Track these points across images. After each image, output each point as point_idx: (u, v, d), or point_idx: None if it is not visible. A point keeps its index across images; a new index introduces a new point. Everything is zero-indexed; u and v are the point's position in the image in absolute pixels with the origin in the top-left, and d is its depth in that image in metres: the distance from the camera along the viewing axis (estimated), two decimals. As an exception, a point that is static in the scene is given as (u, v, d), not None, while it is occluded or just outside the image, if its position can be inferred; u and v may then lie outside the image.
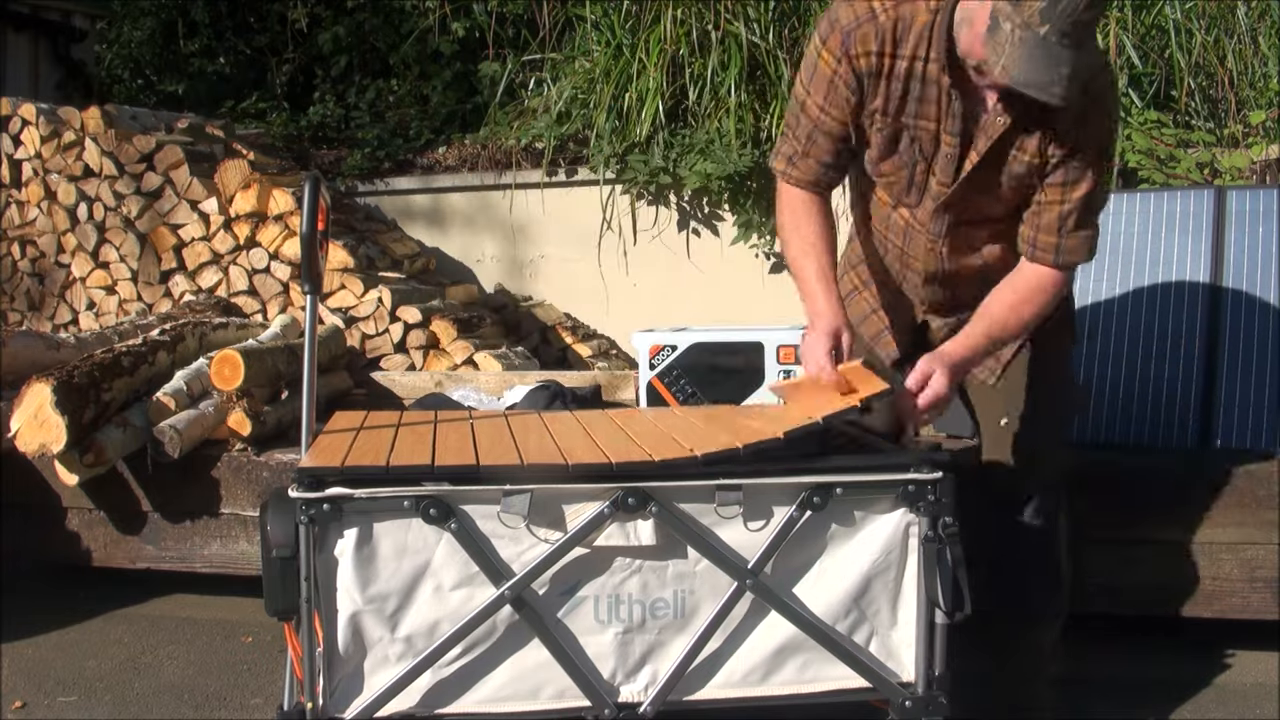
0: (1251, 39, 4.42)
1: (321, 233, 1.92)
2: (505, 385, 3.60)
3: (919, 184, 1.91)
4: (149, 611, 3.23)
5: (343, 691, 1.63)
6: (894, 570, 1.72)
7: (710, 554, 1.66)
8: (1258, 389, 2.81)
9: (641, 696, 1.69)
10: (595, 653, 1.68)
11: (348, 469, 1.62)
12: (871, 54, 1.79)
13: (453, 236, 5.08)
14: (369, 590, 1.61)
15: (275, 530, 1.58)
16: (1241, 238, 2.98)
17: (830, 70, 1.83)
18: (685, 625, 1.69)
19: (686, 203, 4.69)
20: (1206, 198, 3.05)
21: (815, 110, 1.88)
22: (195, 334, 3.53)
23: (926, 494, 1.69)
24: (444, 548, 1.62)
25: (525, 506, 1.60)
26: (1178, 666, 2.73)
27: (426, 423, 2.06)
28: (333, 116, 6.17)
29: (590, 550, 1.65)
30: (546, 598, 1.66)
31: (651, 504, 1.63)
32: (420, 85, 6.46)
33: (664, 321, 3.75)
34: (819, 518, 1.68)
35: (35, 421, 2.82)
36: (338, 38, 6.70)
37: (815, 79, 1.86)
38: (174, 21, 7.45)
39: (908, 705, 1.73)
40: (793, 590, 1.70)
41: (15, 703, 2.59)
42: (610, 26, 4.88)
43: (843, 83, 1.82)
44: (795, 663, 1.71)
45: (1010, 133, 1.79)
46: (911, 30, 1.77)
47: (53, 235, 4.51)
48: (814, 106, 1.88)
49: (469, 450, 1.77)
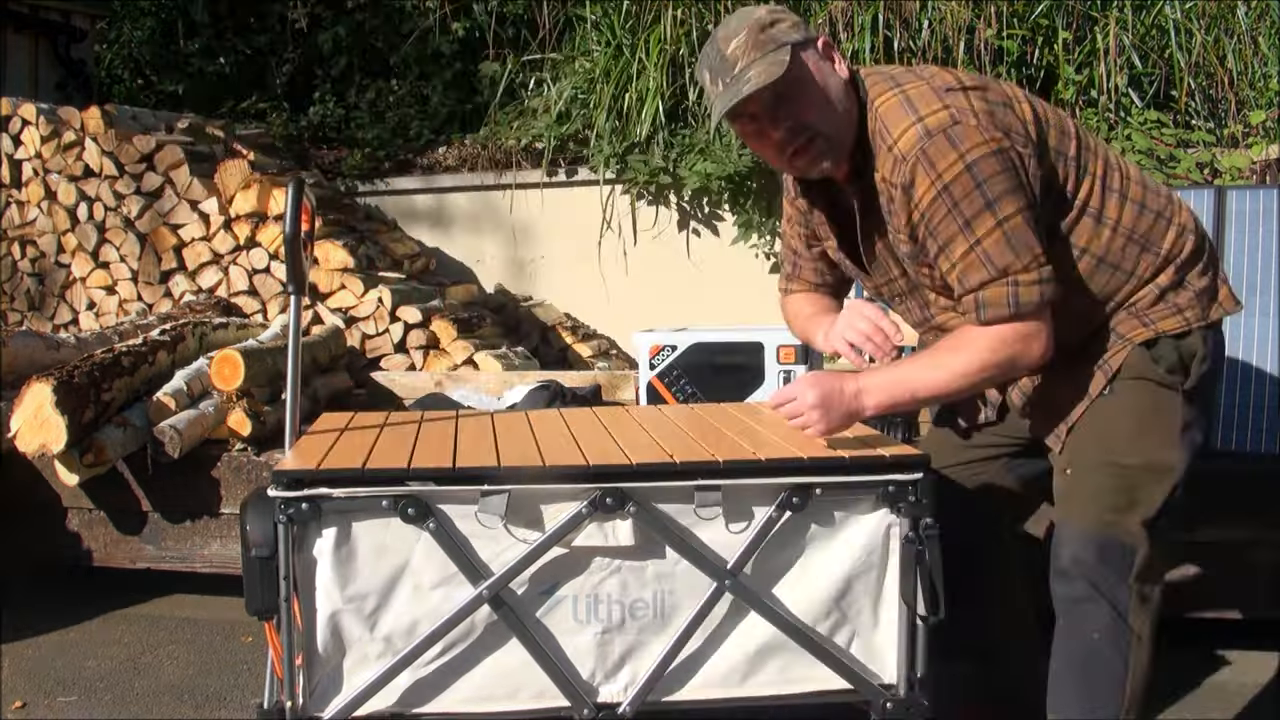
0: (1251, 39, 4.40)
1: (306, 234, 1.93)
2: (505, 385, 3.60)
3: (859, 284, 2.04)
4: (149, 611, 3.24)
5: (322, 690, 1.64)
6: (875, 571, 1.71)
7: (689, 554, 1.66)
8: (1258, 390, 2.80)
9: (621, 697, 1.69)
10: (574, 653, 1.67)
11: (323, 470, 1.62)
12: (794, 194, 2.01)
13: (453, 236, 5.09)
14: (348, 589, 1.62)
15: (254, 530, 1.59)
16: (1241, 238, 2.96)
17: (787, 206, 2.08)
18: (665, 626, 1.68)
19: (686, 203, 4.69)
20: (1206, 198, 3.03)
21: (787, 233, 2.11)
22: (195, 334, 3.54)
23: (907, 495, 1.68)
24: (422, 547, 1.62)
25: (503, 507, 1.60)
26: (1178, 666, 2.72)
27: (411, 423, 2.06)
28: (333, 116, 6.19)
29: (569, 550, 1.65)
30: (525, 597, 1.66)
31: (630, 504, 1.63)
32: (420, 85, 6.48)
33: (664, 321, 3.76)
34: (799, 518, 1.68)
35: (35, 421, 2.84)
36: (338, 38, 6.71)
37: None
38: (174, 21, 7.46)
39: (889, 707, 1.72)
40: (773, 591, 1.70)
41: (15, 703, 2.60)
42: (610, 26, 4.89)
43: (794, 213, 2.05)
44: (776, 664, 1.71)
45: (873, 218, 1.82)
46: None
47: (53, 235, 4.54)
48: (785, 231, 2.11)
49: (449, 451, 1.77)
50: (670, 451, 1.76)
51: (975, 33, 4.25)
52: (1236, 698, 2.58)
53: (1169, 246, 1.81)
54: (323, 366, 3.70)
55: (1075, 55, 4.32)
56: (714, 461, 1.69)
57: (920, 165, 1.68)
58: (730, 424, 2.00)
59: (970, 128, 1.66)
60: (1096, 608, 1.77)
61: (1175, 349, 1.79)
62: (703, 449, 1.78)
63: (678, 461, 1.69)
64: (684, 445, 1.83)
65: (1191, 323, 1.80)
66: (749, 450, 1.76)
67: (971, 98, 1.70)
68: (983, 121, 1.67)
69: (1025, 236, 1.68)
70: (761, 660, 1.71)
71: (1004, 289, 1.68)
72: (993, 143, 1.66)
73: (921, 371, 1.78)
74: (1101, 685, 1.79)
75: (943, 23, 4.27)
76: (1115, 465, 1.78)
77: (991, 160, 1.66)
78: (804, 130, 1.74)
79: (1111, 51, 4.19)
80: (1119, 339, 1.81)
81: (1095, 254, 1.79)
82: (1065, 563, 1.80)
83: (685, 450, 1.77)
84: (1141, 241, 1.80)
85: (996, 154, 1.66)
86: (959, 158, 1.65)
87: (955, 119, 1.67)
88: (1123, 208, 1.80)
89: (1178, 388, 1.79)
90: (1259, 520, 2.63)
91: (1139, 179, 1.85)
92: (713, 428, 2.00)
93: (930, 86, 1.72)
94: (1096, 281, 1.80)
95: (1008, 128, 1.69)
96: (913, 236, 1.76)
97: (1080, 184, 1.79)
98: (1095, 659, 1.79)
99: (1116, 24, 4.25)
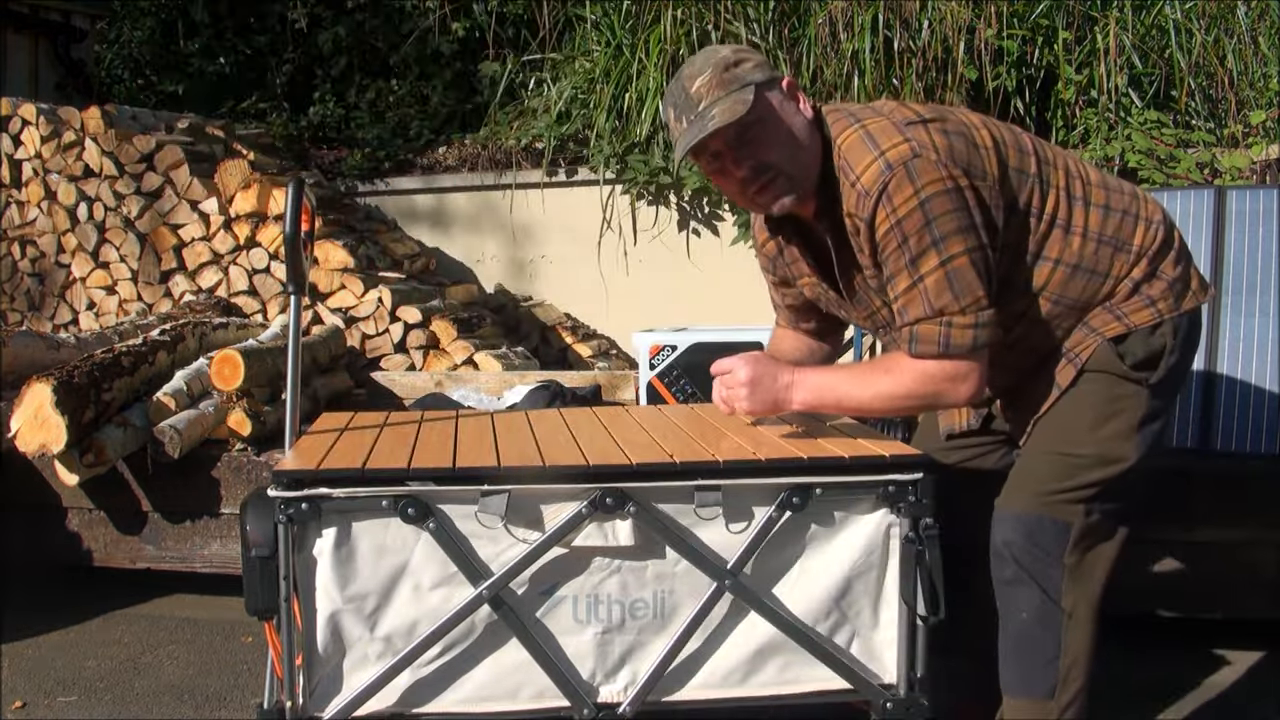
0: (1251, 39, 4.40)
1: (306, 234, 1.93)
2: (505, 385, 3.60)
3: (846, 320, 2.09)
4: (149, 611, 3.24)
5: (322, 690, 1.64)
6: (875, 571, 1.72)
7: (689, 554, 1.66)
8: (1257, 390, 2.80)
9: (621, 697, 1.69)
10: (574, 653, 1.67)
11: (323, 470, 1.62)
12: (762, 240, 2.07)
13: (453, 236, 5.09)
14: (348, 590, 1.62)
15: (254, 530, 1.59)
16: (1241, 238, 2.96)
17: (757, 254, 2.13)
18: (665, 626, 1.69)
19: (686, 203, 4.69)
20: (1206, 198, 3.04)
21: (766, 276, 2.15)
22: (195, 334, 3.54)
23: (907, 495, 1.68)
24: (422, 547, 1.62)
25: (503, 507, 1.60)
26: (1178, 666, 2.72)
27: (411, 423, 2.06)
28: (333, 116, 6.20)
29: (569, 550, 1.65)
30: (525, 598, 1.66)
31: (629, 504, 1.63)
32: (420, 85, 6.48)
33: (664, 321, 3.76)
34: (799, 518, 1.68)
35: (35, 421, 2.84)
36: (338, 38, 6.71)
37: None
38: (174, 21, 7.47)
39: (889, 707, 1.72)
40: (773, 591, 1.70)
41: (15, 703, 2.60)
42: (610, 26, 4.89)
43: (764, 260, 2.10)
44: (776, 664, 1.71)
45: (847, 252, 1.85)
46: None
47: (53, 235, 4.54)
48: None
49: (448, 451, 1.77)
50: (670, 451, 1.76)
51: (975, 33, 4.25)
52: (1236, 698, 2.58)
53: (1140, 241, 1.85)
54: (323, 366, 3.70)
55: (1075, 55, 4.31)
56: (714, 461, 1.69)
57: (881, 199, 1.70)
58: (730, 424, 2.00)
59: (929, 163, 1.69)
60: (1026, 589, 1.82)
61: (1145, 344, 1.82)
62: (703, 449, 1.78)
63: (678, 461, 1.69)
64: (684, 445, 1.83)
65: (1164, 313, 1.83)
66: (749, 450, 1.76)
67: (932, 131, 1.73)
68: (942, 157, 1.70)
69: (967, 279, 1.71)
70: (761, 660, 1.71)
71: (936, 328, 1.72)
72: (948, 180, 1.69)
73: (850, 385, 1.84)
74: (1035, 664, 1.84)
75: (943, 23, 4.26)
76: (1065, 455, 1.82)
77: (944, 199, 1.68)
78: (766, 169, 1.77)
79: (1111, 51, 4.19)
80: (1091, 333, 1.84)
81: (1069, 262, 1.83)
82: (997, 544, 1.85)
83: (685, 450, 1.77)
84: (1113, 242, 1.84)
85: (951, 192, 1.68)
86: (914, 193, 1.68)
87: (915, 152, 1.70)
88: (1088, 213, 1.84)
89: (1143, 382, 1.83)
90: (1259, 520, 2.63)
91: (1100, 182, 1.89)
92: (713, 428, 2.00)
93: (890, 121, 1.75)
94: (1074, 288, 1.83)
95: (967, 163, 1.73)
96: (878, 267, 1.79)
97: (1046, 199, 1.82)
98: (1026, 639, 1.84)
99: (1116, 24, 4.25)
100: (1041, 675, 1.84)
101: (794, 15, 4.60)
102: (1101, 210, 1.85)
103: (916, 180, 1.67)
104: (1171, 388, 1.90)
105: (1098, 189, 1.87)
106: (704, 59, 1.78)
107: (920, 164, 1.68)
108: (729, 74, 1.74)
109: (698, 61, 1.78)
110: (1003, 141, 1.81)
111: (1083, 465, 1.81)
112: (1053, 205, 1.83)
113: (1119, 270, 1.84)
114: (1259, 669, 2.73)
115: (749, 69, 1.75)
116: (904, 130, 1.72)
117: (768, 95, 1.75)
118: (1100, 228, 1.84)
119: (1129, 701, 2.54)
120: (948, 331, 1.72)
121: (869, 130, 1.75)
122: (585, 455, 1.75)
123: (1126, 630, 2.78)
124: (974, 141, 1.77)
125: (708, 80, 1.74)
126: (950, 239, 1.69)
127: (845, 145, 1.77)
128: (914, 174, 1.68)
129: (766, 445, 1.80)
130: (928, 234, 1.69)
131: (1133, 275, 1.84)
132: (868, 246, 1.77)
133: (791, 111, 1.78)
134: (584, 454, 1.76)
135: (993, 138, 1.80)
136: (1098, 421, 1.83)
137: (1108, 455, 1.82)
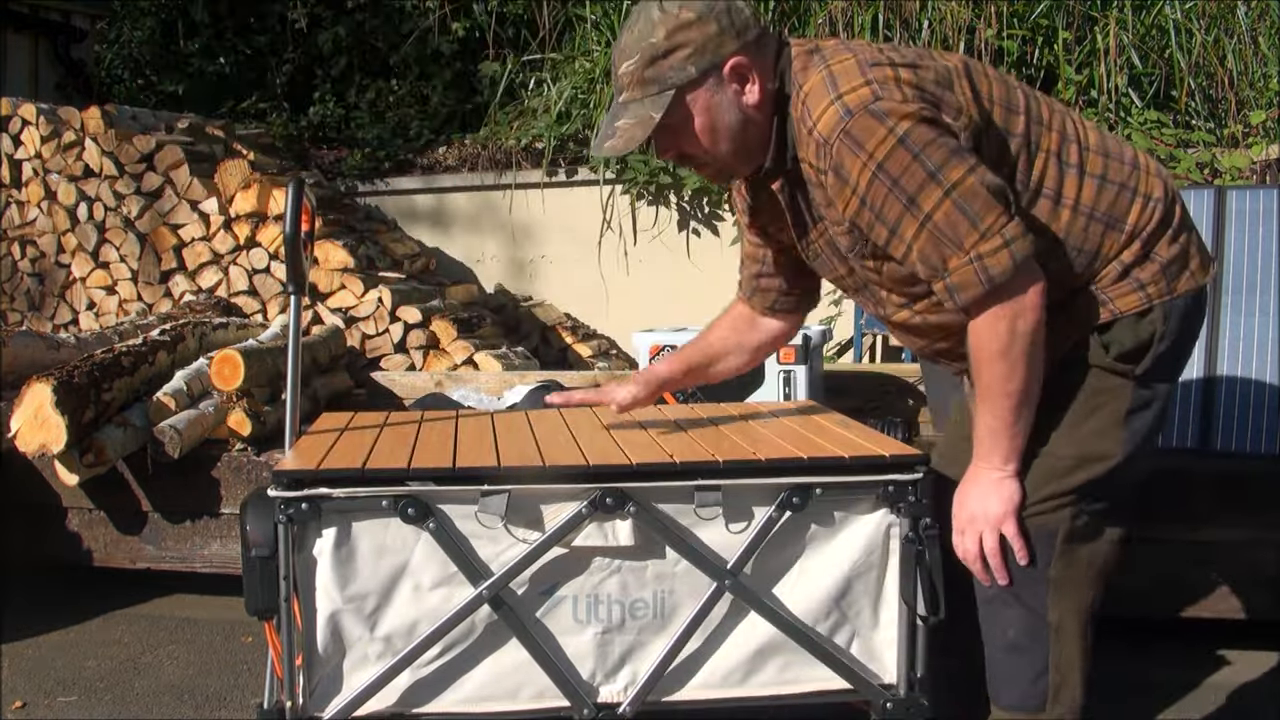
0: (1251, 39, 4.40)
1: (306, 234, 1.93)
2: (505, 385, 3.60)
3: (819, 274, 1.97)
4: (149, 611, 3.24)
5: (322, 690, 1.63)
6: (875, 571, 1.71)
7: (689, 554, 1.66)
8: (1257, 390, 2.80)
9: (621, 697, 1.68)
10: (574, 653, 1.67)
11: (323, 470, 1.62)
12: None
13: (453, 236, 5.10)
14: (348, 590, 1.62)
15: (254, 530, 1.58)
16: (1241, 238, 2.96)
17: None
18: (665, 626, 1.68)
19: (686, 203, 4.69)
20: (1206, 198, 3.04)
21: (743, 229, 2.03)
22: (195, 334, 3.54)
23: (906, 495, 1.68)
24: (422, 547, 1.62)
25: (503, 507, 1.60)
26: (1178, 666, 2.72)
27: (411, 423, 2.06)
28: (333, 116, 6.21)
29: (569, 550, 1.65)
30: (525, 598, 1.65)
31: (629, 504, 1.63)
32: (420, 85, 6.49)
33: (664, 321, 3.76)
34: (798, 518, 1.68)
35: (35, 421, 2.84)
36: (338, 38, 6.72)
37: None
38: (174, 21, 7.49)
39: (889, 707, 1.72)
40: (773, 591, 1.69)
41: (15, 703, 2.60)
42: (610, 26, 4.90)
43: (741, 200, 1.96)
44: (776, 664, 1.71)
45: (804, 210, 1.74)
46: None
47: (53, 235, 4.54)
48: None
49: (449, 451, 1.77)
50: (670, 451, 1.76)
51: (975, 33, 4.26)
52: (1236, 698, 2.58)
53: (1134, 220, 1.66)
54: (323, 366, 3.70)
55: (1075, 55, 4.32)
56: (714, 461, 1.69)
57: (845, 147, 1.54)
58: (730, 424, 2.00)
59: (894, 102, 1.52)
60: (1008, 609, 1.71)
61: (1132, 332, 1.65)
62: (703, 449, 1.78)
63: (678, 461, 1.69)
64: (684, 445, 1.83)
65: (1154, 298, 1.65)
66: (749, 450, 1.75)
67: (901, 71, 1.57)
68: (907, 94, 1.53)
69: (980, 198, 1.53)
70: (761, 660, 1.70)
71: (969, 265, 1.53)
72: (921, 111, 1.53)
73: (993, 409, 1.63)
74: (1023, 679, 1.73)
75: (943, 23, 4.27)
76: (1047, 456, 1.68)
77: (923, 128, 1.52)
78: (687, 159, 1.73)
79: (1111, 51, 4.20)
80: (1071, 319, 1.67)
81: (1054, 238, 1.64)
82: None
83: (685, 450, 1.77)
84: (1105, 220, 1.65)
85: (926, 121, 1.52)
86: (889, 132, 1.51)
87: (876, 95, 1.53)
88: (1081, 184, 1.66)
89: (1129, 374, 1.67)
90: (1259, 520, 2.63)
91: (1099, 147, 1.70)
92: (713, 428, 2.00)
93: (856, 60, 1.58)
94: (1055, 267, 1.63)
95: (937, 99, 1.57)
96: (852, 229, 1.64)
97: (1033, 163, 1.65)
98: (1013, 653, 1.73)
99: (1116, 24, 4.26)
100: (1031, 689, 1.72)
101: (794, 15, 4.60)
102: (1097, 181, 1.66)
103: (886, 120, 1.51)
104: (1165, 375, 1.71)
105: (1095, 155, 1.68)
106: (639, 36, 1.63)
107: (883, 105, 1.52)
108: (652, 70, 1.62)
109: (636, 28, 1.64)
110: (989, 97, 1.64)
111: (1063, 468, 1.66)
112: (1040, 171, 1.65)
113: (1108, 249, 1.66)
114: (1259, 669, 2.73)
115: (678, 62, 1.61)
116: (867, 72, 1.55)
117: (693, 95, 1.62)
118: (1094, 202, 1.65)
119: (1130, 701, 2.54)
120: (981, 264, 1.52)
121: (832, 71, 1.58)
122: (585, 455, 1.75)
123: (1127, 630, 2.78)
124: (953, 90, 1.60)
125: (631, 71, 1.63)
126: (947, 165, 1.52)
127: (808, 90, 1.60)
128: (881, 114, 1.52)
129: (766, 445, 1.80)
130: (919, 167, 1.52)
131: (1122, 257, 1.66)
132: (839, 201, 1.61)
133: (727, 104, 1.64)
134: (584, 454, 1.76)
135: (974, 89, 1.63)
136: (1076, 418, 1.67)
137: (1090, 454, 1.67)
